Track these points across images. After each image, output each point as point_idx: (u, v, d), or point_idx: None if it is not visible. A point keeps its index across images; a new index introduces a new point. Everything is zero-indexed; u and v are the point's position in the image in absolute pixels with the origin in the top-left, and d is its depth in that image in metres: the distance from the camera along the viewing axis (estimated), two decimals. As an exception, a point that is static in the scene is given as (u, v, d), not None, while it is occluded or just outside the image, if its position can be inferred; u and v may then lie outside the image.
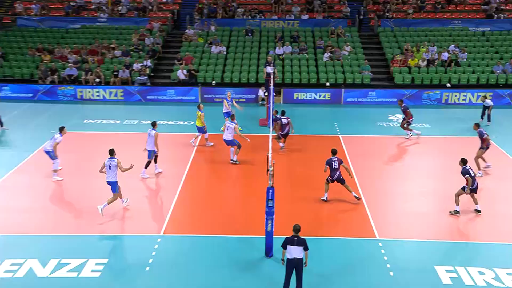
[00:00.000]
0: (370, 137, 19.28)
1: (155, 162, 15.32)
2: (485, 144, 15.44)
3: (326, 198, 13.70)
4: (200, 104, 17.89)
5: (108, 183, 12.68)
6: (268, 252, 11.04)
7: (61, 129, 15.00)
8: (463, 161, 13.15)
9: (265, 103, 22.81)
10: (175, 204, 13.62)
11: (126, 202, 13.21)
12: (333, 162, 13.60)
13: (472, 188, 12.90)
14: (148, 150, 15.00)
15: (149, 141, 14.95)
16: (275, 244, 11.08)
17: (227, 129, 16.10)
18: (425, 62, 25.72)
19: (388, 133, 19.67)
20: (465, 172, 12.90)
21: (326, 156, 17.24)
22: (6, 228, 12.14)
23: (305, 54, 26.99)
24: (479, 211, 12.92)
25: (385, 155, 17.29)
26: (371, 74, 25.40)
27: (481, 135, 15.51)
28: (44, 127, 19.87)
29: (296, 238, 9.50)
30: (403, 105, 19.11)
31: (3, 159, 16.64)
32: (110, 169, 12.56)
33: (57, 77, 25.31)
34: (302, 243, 9.48)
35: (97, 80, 25.22)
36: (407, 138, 18.80)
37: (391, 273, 10.50)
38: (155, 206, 13.75)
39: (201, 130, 17.72)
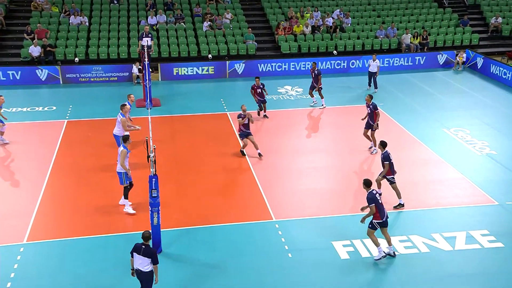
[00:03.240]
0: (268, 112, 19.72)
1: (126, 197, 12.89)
2: (375, 119, 15.54)
3: (390, 252, 10.98)
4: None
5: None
6: (156, 248, 10.97)
7: None
8: (383, 144, 12.70)
9: (140, 81, 22.25)
10: (39, 205, 12.91)
11: None
12: (377, 197, 10.72)
13: (388, 177, 12.76)
14: (118, 172, 12.73)
15: (118, 159, 12.60)
16: (163, 238, 11.10)
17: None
18: (310, 28, 27.01)
19: (278, 106, 20.42)
20: (385, 158, 12.57)
21: (215, 138, 17.50)
22: None
23: (182, 24, 26.70)
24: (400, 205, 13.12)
25: (274, 131, 17.97)
26: (255, 43, 26.00)
27: (374, 108, 15.55)
28: None
29: (143, 247, 8.98)
30: (317, 69, 19.86)
31: None
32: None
33: None
34: (150, 255, 8.94)
35: None
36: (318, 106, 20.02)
37: (290, 255, 11.12)
38: (15, 208, 12.81)
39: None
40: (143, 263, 9.00)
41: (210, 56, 25.22)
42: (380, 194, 11.08)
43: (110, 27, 26.01)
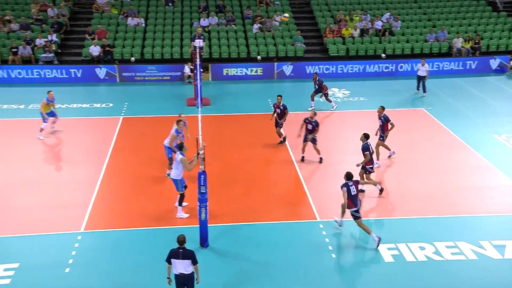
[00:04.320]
0: (306, 113, 19.55)
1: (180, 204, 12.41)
2: (386, 131, 15.08)
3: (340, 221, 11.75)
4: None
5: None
6: (204, 242, 11.03)
7: None
8: (366, 136, 13.17)
9: (192, 81, 22.51)
10: (96, 196, 13.23)
11: None
12: (350, 187, 11.16)
13: (367, 167, 13.08)
14: (174, 179, 12.28)
15: (175, 166, 12.12)
16: (210, 233, 11.14)
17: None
18: (358, 31, 26.51)
19: (325, 108, 20.13)
20: (365, 149, 12.97)
21: (262, 137, 17.45)
22: None
23: (233, 26, 26.82)
24: (381, 190, 13.27)
25: (320, 132, 17.68)
26: (304, 46, 25.78)
27: (386, 119, 15.08)
28: None
29: (181, 250, 8.81)
30: (318, 78, 19.85)
31: None
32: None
33: None
34: (189, 256, 8.78)
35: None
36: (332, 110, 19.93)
37: (333, 255, 10.90)
38: (73, 199, 13.19)
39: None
40: (185, 266, 8.79)
41: (259, 57, 25.21)
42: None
43: (164, 29, 26.46)
